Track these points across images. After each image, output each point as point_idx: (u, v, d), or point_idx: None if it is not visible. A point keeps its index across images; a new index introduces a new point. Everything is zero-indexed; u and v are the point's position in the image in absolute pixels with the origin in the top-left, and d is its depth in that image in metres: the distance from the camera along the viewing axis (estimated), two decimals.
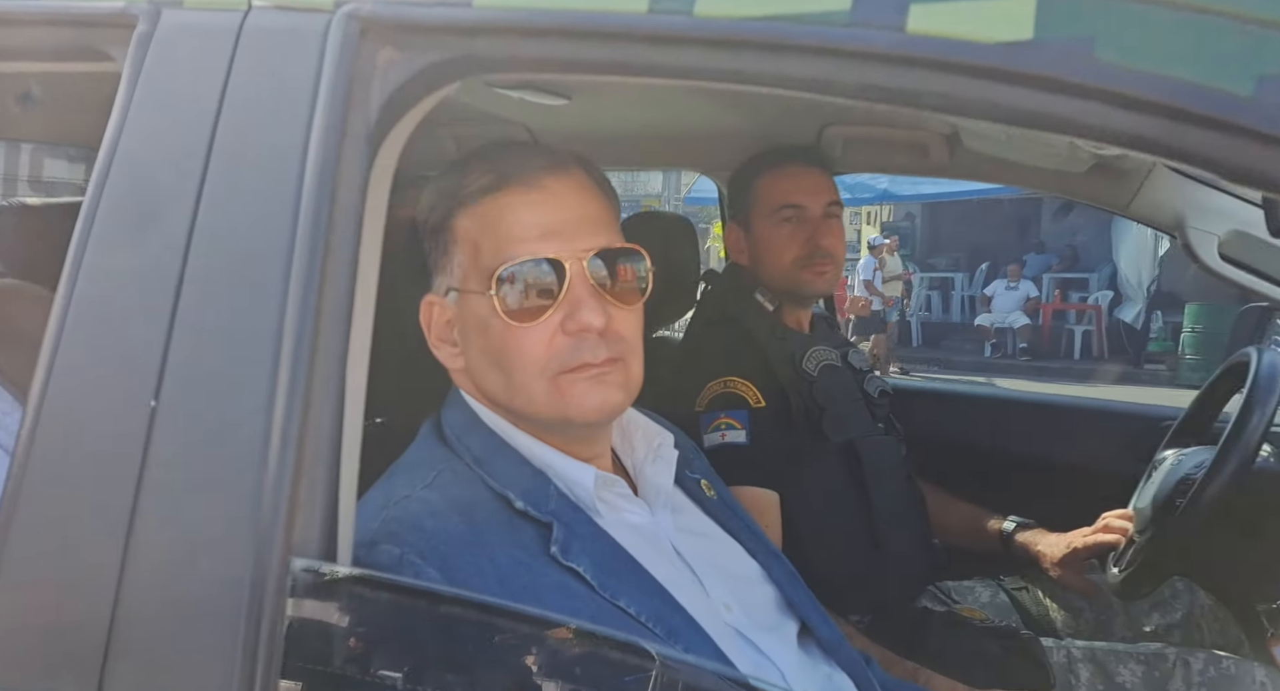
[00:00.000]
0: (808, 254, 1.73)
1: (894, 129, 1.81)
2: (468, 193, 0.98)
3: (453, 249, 0.99)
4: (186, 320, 0.70)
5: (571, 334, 0.94)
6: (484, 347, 0.97)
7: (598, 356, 0.95)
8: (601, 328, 0.94)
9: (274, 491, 0.65)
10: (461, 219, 0.98)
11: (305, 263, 0.70)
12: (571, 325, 0.94)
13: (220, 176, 0.73)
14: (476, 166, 0.99)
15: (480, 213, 0.97)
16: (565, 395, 0.95)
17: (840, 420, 1.70)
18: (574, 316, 0.94)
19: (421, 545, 0.84)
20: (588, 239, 0.96)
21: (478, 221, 0.97)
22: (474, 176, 0.98)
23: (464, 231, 0.98)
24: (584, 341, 0.94)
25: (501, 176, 0.97)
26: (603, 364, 0.95)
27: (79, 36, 0.79)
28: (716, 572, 1.04)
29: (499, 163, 0.99)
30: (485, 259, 0.96)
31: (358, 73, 0.75)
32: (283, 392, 0.67)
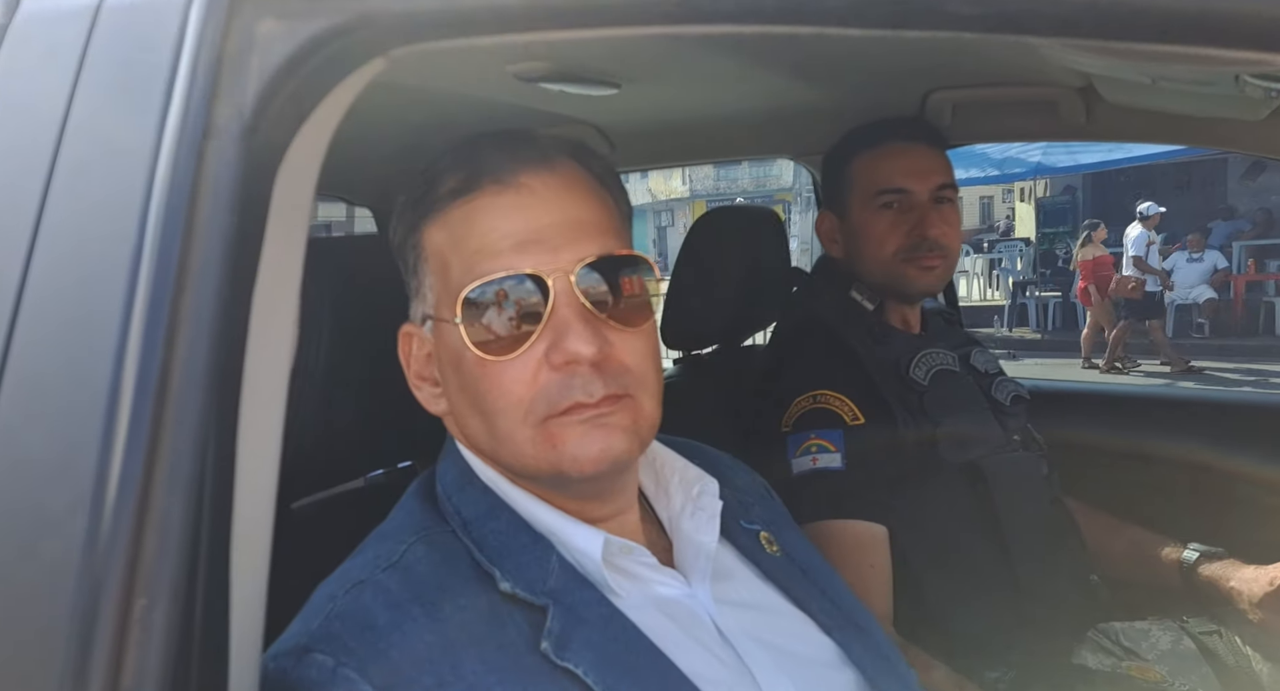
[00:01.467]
0: (912, 245, 1.47)
1: (1014, 87, 1.51)
2: (434, 199, 0.81)
3: (423, 268, 0.82)
4: (13, 391, 0.55)
5: (559, 368, 0.75)
6: (461, 386, 0.80)
7: (592, 395, 0.75)
8: (594, 357, 0.75)
9: (86, 614, 0.49)
10: (428, 232, 0.81)
11: (147, 302, 0.54)
12: (557, 356, 0.75)
13: (61, 195, 0.58)
14: (443, 167, 0.81)
15: (448, 222, 0.80)
16: (557, 444, 0.76)
17: (959, 436, 1.42)
18: (559, 345, 0.75)
19: (364, 652, 0.67)
20: (576, 247, 0.77)
21: (445, 233, 0.80)
22: (440, 179, 0.81)
23: (432, 246, 0.81)
24: (575, 377, 0.75)
25: (470, 176, 0.79)
26: (600, 403, 0.75)
27: None
28: (773, 656, 0.82)
29: (469, 160, 0.80)
30: (454, 278, 0.78)
31: (228, 52, 0.58)
32: (114, 476, 0.51)
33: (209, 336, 0.55)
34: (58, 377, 0.55)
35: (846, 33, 0.45)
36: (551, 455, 0.76)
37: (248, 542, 0.58)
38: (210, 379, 0.55)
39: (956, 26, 0.39)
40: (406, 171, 1.79)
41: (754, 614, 0.85)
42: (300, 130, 0.64)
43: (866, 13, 0.41)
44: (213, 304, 0.56)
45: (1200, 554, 1.50)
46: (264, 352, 0.61)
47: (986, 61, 1.40)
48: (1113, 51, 0.62)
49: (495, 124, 0.98)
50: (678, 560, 0.86)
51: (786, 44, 1.32)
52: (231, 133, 0.58)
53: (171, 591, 0.50)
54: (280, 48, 0.59)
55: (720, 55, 1.34)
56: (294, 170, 0.64)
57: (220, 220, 0.56)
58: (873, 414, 1.38)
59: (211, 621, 0.54)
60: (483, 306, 0.76)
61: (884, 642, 0.93)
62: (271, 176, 0.62)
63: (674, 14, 0.47)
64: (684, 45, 1.26)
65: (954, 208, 1.51)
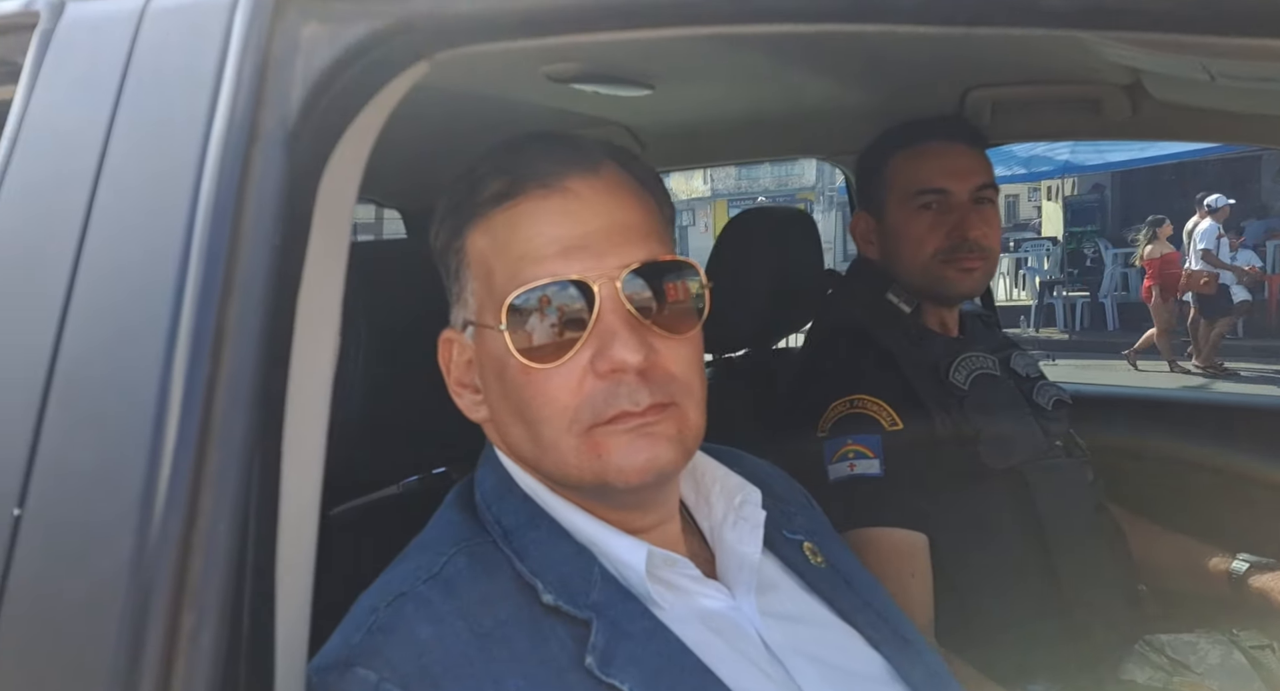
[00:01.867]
0: (951, 247, 1.43)
1: (1057, 85, 1.47)
2: (477, 204, 0.79)
3: (465, 273, 0.81)
4: (61, 402, 0.54)
5: (604, 375, 0.74)
6: (504, 393, 0.78)
7: (638, 403, 0.73)
8: (641, 365, 0.73)
9: (135, 631, 0.48)
10: (471, 237, 0.80)
11: (194, 314, 0.53)
12: (602, 364, 0.73)
13: (107, 204, 0.58)
14: (486, 171, 0.80)
15: (491, 227, 0.78)
16: (601, 454, 0.74)
17: (1001, 442, 1.39)
18: (604, 353, 0.73)
19: (407, 668, 0.65)
20: (622, 252, 0.75)
21: (489, 238, 0.79)
22: (483, 183, 0.79)
23: (475, 251, 0.80)
24: (620, 385, 0.74)
25: (514, 181, 0.77)
26: (646, 412, 0.74)
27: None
28: (821, 671, 0.80)
29: (513, 163, 0.79)
30: (499, 283, 0.77)
31: (272, 56, 0.57)
32: (161, 491, 0.50)
33: (255, 346, 0.54)
34: (104, 389, 0.54)
35: (916, 30, 0.43)
36: (596, 465, 0.74)
37: (292, 554, 0.57)
38: (256, 389, 0.54)
39: (1043, 23, 0.37)
40: (435, 174, 1.79)
41: (800, 627, 0.83)
42: (344, 135, 0.63)
43: (943, 9, 0.39)
44: (258, 313, 0.55)
45: (1250, 564, 1.45)
46: (308, 361, 0.60)
47: (1028, 58, 1.37)
48: (1184, 46, 0.59)
49: (526, 125, 0.96)
50: (720, 572, 0.84)
51: (824, 43, 1.29)
52: (276, 138, 0.57)
53: (219, 607, 0.49)
54: (324, 52, 0.58)
55: (755, 54, 1.32)
56: (337, 176, 0.63)
57: (266, 227, 0.55)
58: (911, 419, 1.35)
59: (257, 635, 0.53)
60: (527, 313, 0.74)
61: (932, 658, 0.90)
62: (315, 183, 0.61)
63: (737, 14, 0.45)
64: (719, 44, 1.24)
65: (994, 208, 1.48)
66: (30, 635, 0.52)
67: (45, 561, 0.53)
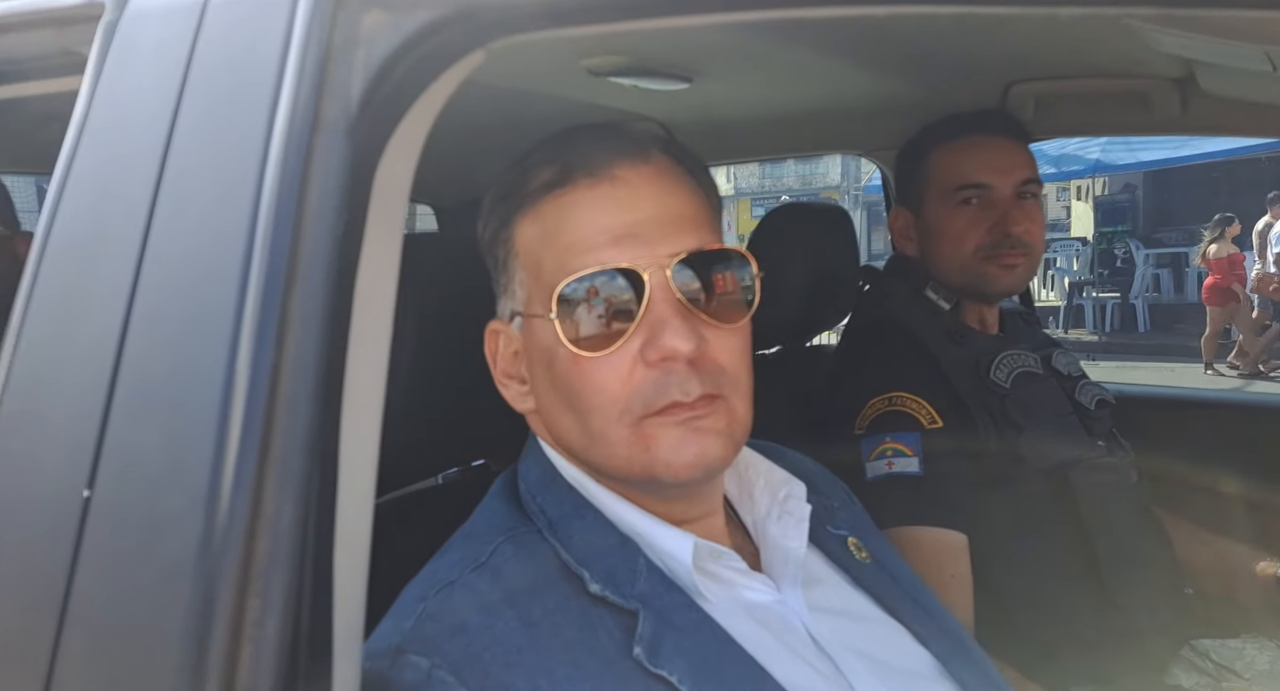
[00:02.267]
0: (993, 243, 1.41)
1: (1103, 79, 1.45)
2: (526, 193, 0.79)
3: (513, 263, 0.80)
4: (128, 386, 0.55)
5: (654, 364, 0.73)
6: (553, 384, 0.78)
7: (689, 393, 0.73)
8: (691, 354, 0.73)
9: (203, 617, 0.48)
10: (520, 226, 0.80)
11: (259, 301, 0.53)
12: (653, 353, 0.73)
13: (172, 194, 0.58)
14: (535, 160, 0.80)
15: (541, 216, 0.78)
16: (650, 446, 0.74)
17: (1044, 441, 1.37)
18: (655, 341, 0.73)
19: (458, 655, 0.66)
20: (673, 241, 0.75)
21: (538, 227, 0.78)
22: (533, 172, 0.79)
23: (524, 241, 0.79)
24: (671, 374, 0.73)
25: (564, 169, 0.77)
26: (696, 404, 0.73)
27: (54, 39, 0.67)
28: (870, 667, 0.79)
29: (560, 152, 0.79)
30: (548, 273, 0.77)
31: (334, 45, 0.57)
32: (228, 477, 0.50)
33: (316, 335, 0.54)
34: (171, 374, 0.55)
35: (995, 11, 0.42)
36: (644, 457, 0.74)
37: (349, 542, 0.57)
38: (317, 377, 0.54)
39: (1142, 1, 0.36)
40: (469, 170, 1.79)
41: (848, 622, 0.82)
42: (400, 124, 0.63)
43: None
44: (320, 301, 0.55)
45: None
46: (364, 351, 0.60)
47: (1073, 51, 1.35)
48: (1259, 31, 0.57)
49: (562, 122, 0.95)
50: (765, 566, 0.83)
51: (865, 35, 1.28)
52: (339, 127, 0.57)
53: (283, 594, 0.49)
54: (386, 40, 0.58)
55: (795, 47, 1.31)
56: (393, 164, 0.63)
57: (328, 216, 0.56)
58: (951, 417, 1.33)
59: (316, 622, 0.53)
60: (577, 302, 0.74)
61: (980, 656, 0.89)
62: (372, 171, 0.61)
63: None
64: (759, 36, 1.24)
65: (1038, 204, 1.46)
66: (99, 619, 0.53)
67: (113, 545, 0.53)
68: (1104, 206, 13.35)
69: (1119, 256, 12.41)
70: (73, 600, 0.53)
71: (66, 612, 0.53)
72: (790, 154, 3.55)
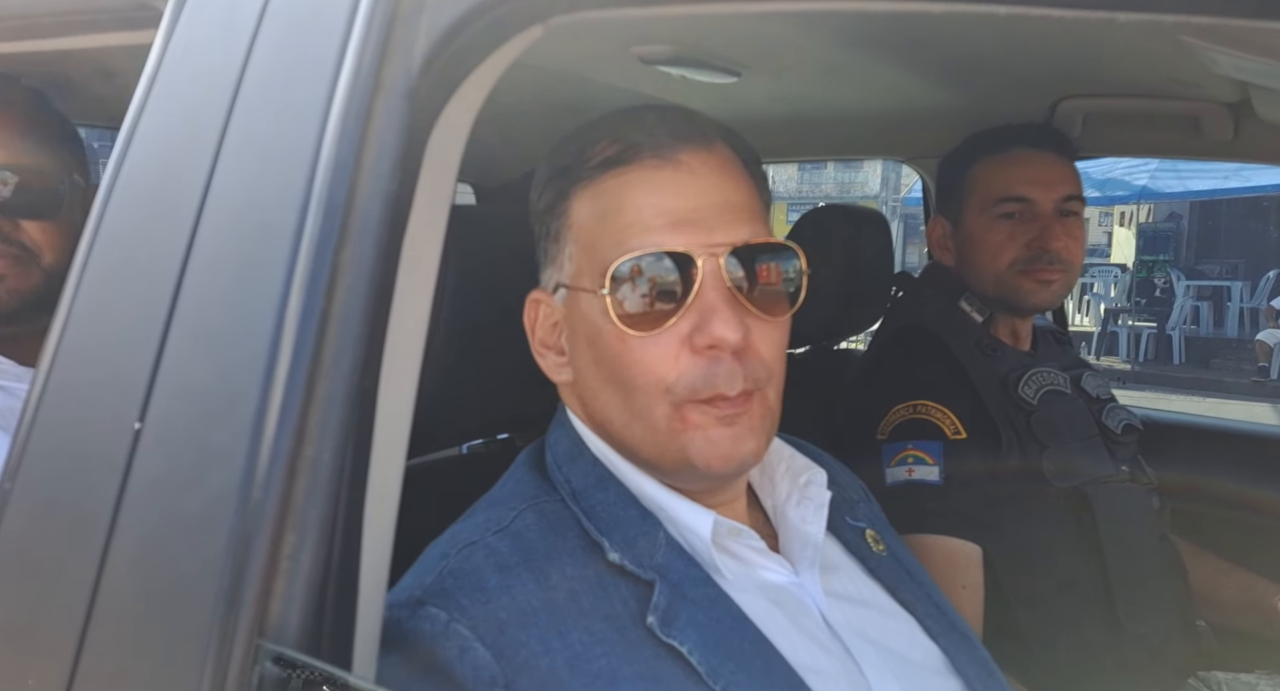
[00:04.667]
0: (1031, 258, 1.41)
1: (1154, 99, 1.44)
2: (588, 167, 0.79)
3: (565, 236, 0.81)
4: (183, 326, 0.57)
5: (700, 351, 0.75)
6: (597, 359, 0.79)
7: (733, 388, 0.75)
8: (738, 345, 0.74)
9: (242, 546, 0.50)
10: (578, 200, 0.80)
11: (312, 252, 0.55)
12: (701, 339, 0.74)
13: (236, 148, 0.60)
14: (599, 135, 0.80)
15: (600, 192, 0.79)
16: (689, 430, 0.75)
17: (1067, 460, 1.36)
18: (704, 328, 0.74)
19: (475, 611, 0.68)
20: (729, 230, 0.76)
21: (596, 203, 0.79)
22: (596, 147, 0.80)
23: (580, 215, 0.80)
24: (718, 364, 0.75)
25: (628, 147, 0.78)
26: (736, 400, 0.75)
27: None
28: (881, 655, 0.80)
29: (626, 131, 0.79)
30: (602, 250, 0.77)
31: (400, 12, 0.59)
32: (273, 417, 0.52)
33: (365, 288, 0.56)
34: (225, 317, 0.57)
35: (1049, 13, 0.43)
36: (682, 439, 0.75)
37: (379, 492, 0.59)
38: (362, 331, 0.56)
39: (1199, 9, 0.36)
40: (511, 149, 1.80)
41: (862, 609, 0.83)
42: (456, 93, 0.65)
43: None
44: (370, 257, 0.57)
45: None
46: (405, 311, 0.62)
47: (1127, 69, 1.34)
48: None
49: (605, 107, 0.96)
50: (783, 549, 0.84)
51: (916, 39, 1.28)
52: (399, 90, 0.59)
53: (318, 531, 0.51)
54: (450, 10, 0.60)
55: (846, 47, 1.32)
56: (446, 131, 0.65)
57: (383, 176, 0.58)
58: (976, 429, 1.33)
59: (346, 563, 0.55)
60: (630, 280, 0.75)
61: (986, 655, 0.90)
62: (426, 136, 0.63)
63: None
64: (812, 33, 1.24)
65: (1079, 221, 1.45)
66: (145, 544, 0.55)
67: (162, 475, 0.56)
68: (1147, 234, 13.15)
69: (1158, 286, 12.21)
70: (119, 523, 0.56)
71: (113, 534, 0.56)
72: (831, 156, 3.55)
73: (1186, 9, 0.37)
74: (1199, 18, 0.38)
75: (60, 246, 1.16)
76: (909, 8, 0.46)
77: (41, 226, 1.15)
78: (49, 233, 1.15)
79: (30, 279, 1.14)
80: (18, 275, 1.14)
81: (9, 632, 0.59)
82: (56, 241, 1.16)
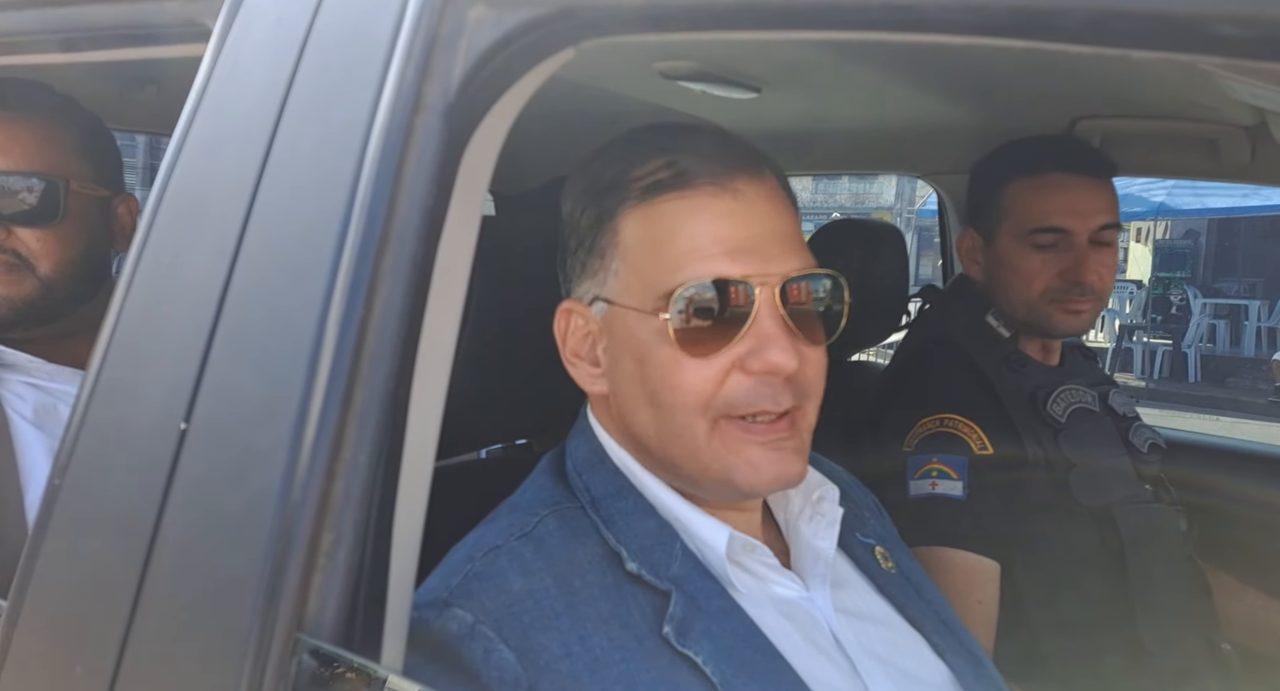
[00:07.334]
0: (1063, 288, 1.39)
1: (1172, 121, 1.45)
2: (639, 186, 0.80)
3: (612, 253, 0.81)
4: (228, 331, 0.60)
5: (754, 373, 0.76)
6: (640, 377, 0.79)
7: (780, 404, 0.77)
8: (794, 372, 0.76)
9: (282, 543, 0.53)
10: (627, 219, 0.80)
11: (353, 262, 0.57)
12: (757, 364, 0.76)
13: (281, 161, 0.63)
14: (648, 154, 0.81)
15: (654, 213, 0.79)
16: (731, 454, 0.77)
17: (1094, 479, 1.35)
18: (760, 354, 0.76)
19: (500, 613, 0.70)
20: (784, 260, 0.78)
21: (650, 224, 0.79)
22: (647, 166, 0.80)
23: (630, 235, 0.80)
24: (767, 385, 0.76)
25: (684, 173, 0.79)
26: (778, 423, 0.77)
27: (181, 9, 0.73)
28: (887, 672, 0.81)
29: (678, 154, 0.80)
30: (657, 272, 0.78)
31: (441, 34, 0.62)
32: (313, 420, 0.55)
33: (401, 299, 0.59)
34: (268, 324, 0.60)
35: (1066, 48, 0.45)
36: (726, 460, 0.77)
37: (410, 493, 0.61)
38: (398, 339, 0.59)
39: (1212, 50, 0.38)
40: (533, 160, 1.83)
41: (870, 626, 0.85)
42: (490, 111, 0.67)
43: (1110, 30, 0.41)
44: (407, 269, 0.59)
45: None
46: (437, 319, 0.64)
47: (1145, 91, 1.35)
48: None
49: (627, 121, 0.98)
50: (795, 564, 0.86)
51: (935, 59, 1.30)
52: (437, 109, 0.61)
53: (354, 531, 0.54)
54: (488, 32, 0.62)
55: (866, 65, 1.34)
56: (479, 148, 0.67)
57: (420, 190, 0.60)
58: (1002, 445, 1.32)
59: (377, 562, 0.57)
60: (689, 307, 0.76)
61: (995, 675, 0.91)
62: (461, 152, 0.66)
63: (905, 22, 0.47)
64: (832, 52, 1.26)
65: (1114, 250, 1.42)
66: (189, 540, 0.58)
67: (206, 474, 0.58)
68: (1164, 251, 13.08)
69: (1174, 303, 12.14)
70: (165, 519, 0.58)
71: (159, 529, 0.58)
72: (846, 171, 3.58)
73: (1200, 50, 0.39)
74: (1212, 57, 0.40)
75: (59, 256, 1.13)
76: (926, 39, 0.48)
77: (37, 235, 1.12)
78: (45, 241, 1.12)
79: (23, 288, 1.12)
80: (10, 283, 1.11)
81: (59, 622, 0.61)
82: (54, 251, 1.13)
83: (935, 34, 0.46)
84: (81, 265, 1.17)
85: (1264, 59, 0.38)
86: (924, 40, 0.47)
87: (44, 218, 1.12)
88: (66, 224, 1.14)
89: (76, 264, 1.16)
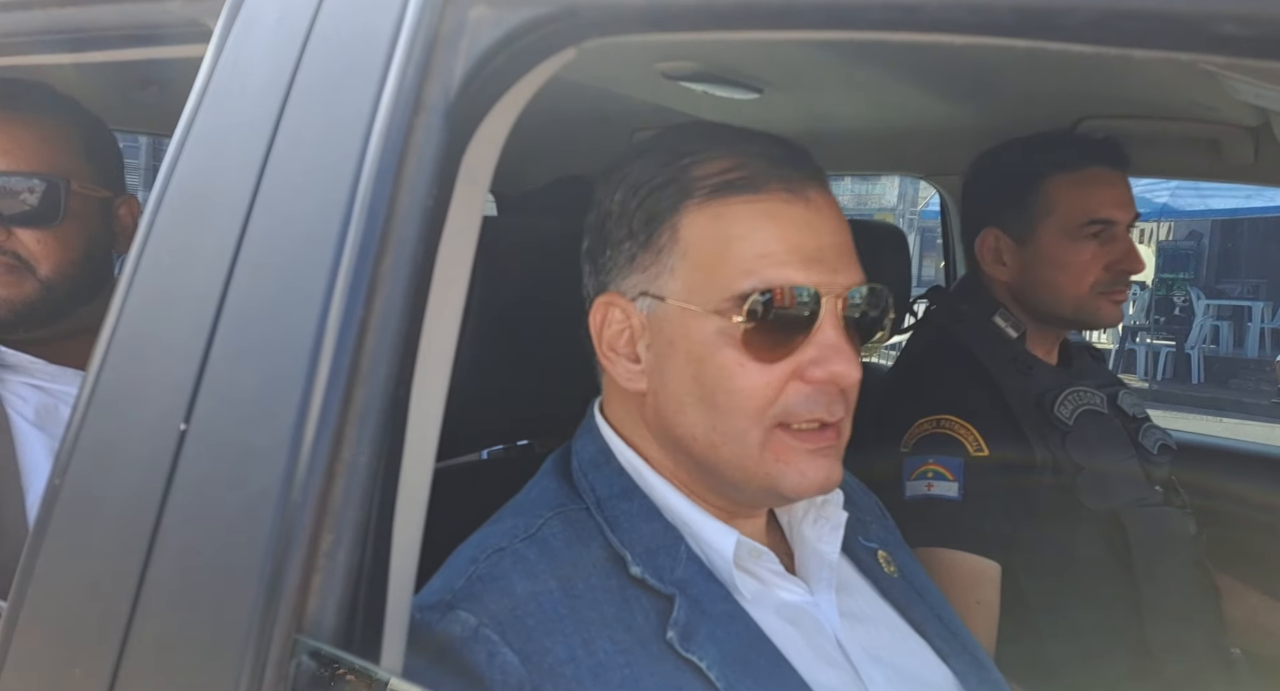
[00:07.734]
0: (1111, 280, 1.39)
1: (1175, 121, 1.44)
2: (703, 185, 0.78)
3: (671, 249, 0.78)
4: (228, 331, 0.60)
5: (814, 382, 0.76)
6: (695, 377, 0.78)
7: (834, 414, 0.77)
8: (857, 381, 0.77)
9: (282, 543, 0.53)
10: (691, 215, 0.78)
11: (353, 262, 0.57)
12: (819, 373, 0.76)
13: (281, 161, 0.63)
14: (711, 152, 0.79)
15: (723, 215, 0.78)
16: (780, 461, 0.77)
17: (1103, 483, 1.34)
18: (824, 364, 0.76)
19: (504, 616, 0.69)
20: (849, 272, 0.78)
21: (718, 225, 0.78)
22: (711, 165, 0.79)
23: (695, 233, 0.78)
24: (824, 393, 0.77)
25: (754, 175, 0.77)
26: (828, 431, 0.78)
27: (182, 9, 0.73)
28: (890, 675, 0.81)
29: (744, 156, 0.78)
30: (726, 274, 0.77)
31: (442, 34, 0.62)
32: (313, 420, 0.55)
33: (401, 299, 0.59)
34: (267, 324, 0.59)
35: (1068, 48, 0.45)
36: (774, 468, 0.77)
37: (410, 494, 0.61)
38: (398, 340, 0.59)
39: (1214, 50, 0.38)
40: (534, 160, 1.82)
41: (873, 629, 0.85)
42: (491, 111, 0.67)
43: (1113, 29, 0.41)
44: (407, 269, 0.59)
45: None
46: (437, 320, 0.64)
47: (1149, 91, 1.35)
48: None
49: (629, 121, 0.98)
50: (799, 568, 0.86)
51: (938, 59, 1.30)
52: (438, 109, 0.61)
53: (354, 531, 0.54)
54: (489, 32, 0.62)
55: (868, 65, 1.34)
56: (480, 148, 0.67)
57: (420, 191, 0.60)
58: (1003, 446, 1.31)
59: (377, 563, 0.57)
60: (760, 310, 0.75)
61: (999, 678, 0.91)
62: (461, 152, 0.65)
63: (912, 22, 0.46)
64: (834, 53, 1.26)
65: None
66: (188, 540, 0.58)
67: (206, 474, 0.58)
68: (1167, 251, 13.05)
69: (1177, 304, 12.12)
70: (164, 520, 0.58)
71: (158, 530, 0.58)
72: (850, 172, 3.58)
73: (1202, 49, 0.39)
74: (1215, 57, 0.40)
75: (60, 258, 1.13)
76: (928, 39, 0.48)
77: (38, 236, 1.12)
78: (46, 242, 1.12)
79: (24, 289, 1.12)
80: (10, 285, 1.11)
81: (59, 622, 0.61)
82: (55, 252, 1.13)
83: (937, 34, 0.45)
84: (82, 266, 1.17)
85: (1267, 58, 0.37)
86: (926, 40, 0.47)
87: (45, 219, 1.12)
88: (67, 225, 1.14)
89: (77, 265, 1.16)
